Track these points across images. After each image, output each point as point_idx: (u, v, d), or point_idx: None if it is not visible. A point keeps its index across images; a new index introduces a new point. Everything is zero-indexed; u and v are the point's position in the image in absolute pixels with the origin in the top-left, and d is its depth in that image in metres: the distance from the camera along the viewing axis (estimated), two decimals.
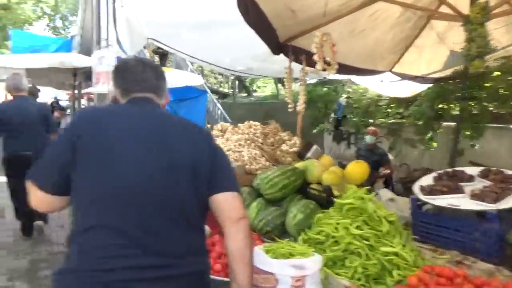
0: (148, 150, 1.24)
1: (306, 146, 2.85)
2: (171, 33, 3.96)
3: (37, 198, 1.26)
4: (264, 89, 21.70)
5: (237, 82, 17.60)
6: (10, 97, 4.37)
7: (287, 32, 3.49)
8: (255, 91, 19.82)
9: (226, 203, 1.30)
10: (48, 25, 20.71)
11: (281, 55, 3.81)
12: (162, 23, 3.79)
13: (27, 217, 4.07)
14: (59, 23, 21.05)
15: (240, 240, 1.27)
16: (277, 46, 3.31)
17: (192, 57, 4.88)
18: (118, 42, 4.08)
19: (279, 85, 15.71)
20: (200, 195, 1.29)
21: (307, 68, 3.56)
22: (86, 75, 9.32)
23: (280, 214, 2.17)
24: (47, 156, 1.28)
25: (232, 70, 5.48)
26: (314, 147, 2.81)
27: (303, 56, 3.56)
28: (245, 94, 18.15)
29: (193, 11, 3.43)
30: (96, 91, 7.31)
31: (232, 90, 17.38)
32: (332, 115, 8.73)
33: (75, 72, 8.49)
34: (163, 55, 12.74)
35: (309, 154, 2.76)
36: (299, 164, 2.57)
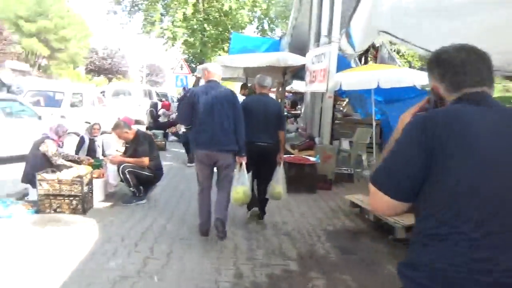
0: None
1: None
2: (410, 23, 3.36)
3: (381, 203, 1.23)
4: None
5: None
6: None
7: None
8: None
9: None
10: (257, 28, 22.96)
11: None
12: (407, 7, 3.27)
13: (262, 204, 4.50)
14: (266, 25, 23.01)
15: None
16: None
17: (428, 50, 4.16)
18: (349, 37, 3.73)
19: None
20: None
21: None
22: (292, 73, 9.62)
23: None
24: (394, 161, 1.22)
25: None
26: None
27: None
28: None
29: None
30: (311, 90, 7.33)
31: None
32: None
33: (285, 70, 8.84)
34: (365, 50, 12.12)
35: None
36: None
